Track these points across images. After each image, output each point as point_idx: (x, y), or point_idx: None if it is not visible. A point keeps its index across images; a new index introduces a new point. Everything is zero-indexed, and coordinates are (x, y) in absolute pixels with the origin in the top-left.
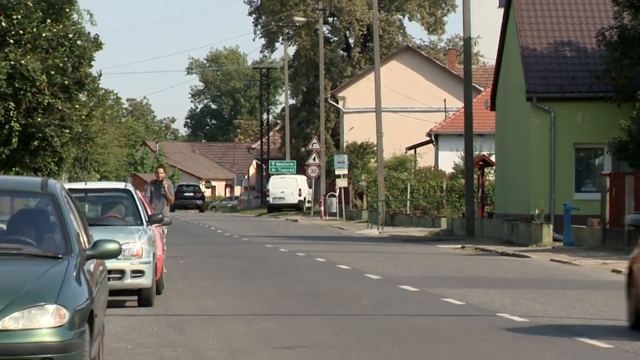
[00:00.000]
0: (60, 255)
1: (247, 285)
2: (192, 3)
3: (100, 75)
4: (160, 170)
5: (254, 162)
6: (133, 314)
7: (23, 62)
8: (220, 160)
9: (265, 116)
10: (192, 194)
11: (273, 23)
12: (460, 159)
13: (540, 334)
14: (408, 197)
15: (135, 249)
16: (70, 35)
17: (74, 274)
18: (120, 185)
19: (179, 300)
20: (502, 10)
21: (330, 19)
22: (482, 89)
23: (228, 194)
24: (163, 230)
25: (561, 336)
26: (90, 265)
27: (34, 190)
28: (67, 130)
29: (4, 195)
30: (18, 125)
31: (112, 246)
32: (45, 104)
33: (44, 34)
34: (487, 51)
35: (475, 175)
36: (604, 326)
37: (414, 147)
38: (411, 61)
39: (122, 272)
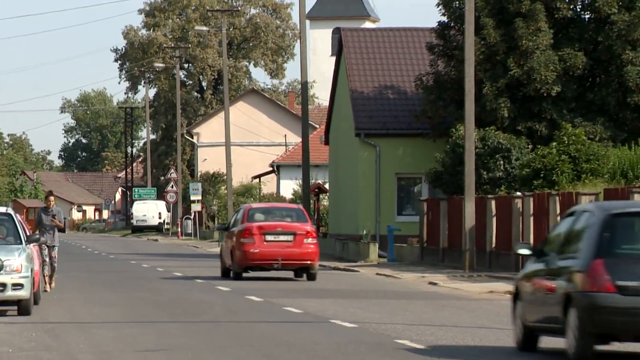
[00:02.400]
0: None
1: (114, 296)
2: (65, 50)
3: None
4: (51, 198)
5: (120, 189)
6: (13, 322)
7: None
8: (90, 188)
9: (129, 149)
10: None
11: (136, 68)
12: (298, 187)
13: (367, 337)
14: None
15: (16, 265)
16: None
17: None
18: (2, 209)
19: (54, 310)
20: (334, 58)
21: (186, 65)
22: (317, 126)
23: (97, 217)
24: (54, 256)
25: (385, 340)
26: None
27: None
28: None
29: None
30: None
31: None
32: None
33: None
34: (321, 93)
35: (311, 201)
36: (422, 331)
37: (259, 176)
38: (256, 102)
39: (3, 285)
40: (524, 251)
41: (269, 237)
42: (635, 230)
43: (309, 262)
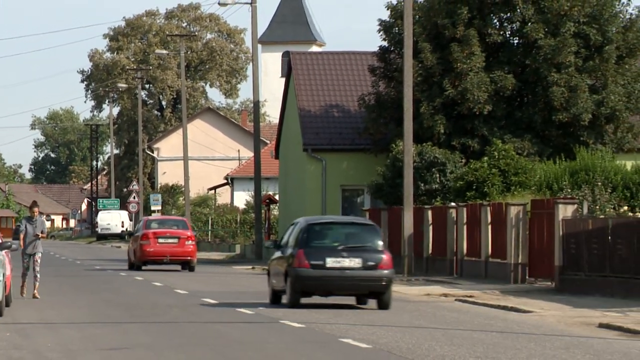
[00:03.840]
0: None
1: (80, 298)
2: (35, 71)
3: None
4: (35, 209)
5: (86, 200)
6: None
7: None
8: (59, 199)
9: (94, 163)
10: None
11: (101, 88)
12: (251, 198)
13: (314, 336)
14: (209, 228)
15: None
16: None
17: None
18: None
19: (24, 311)
20: (284, 79)
21: (147, 86)
22: (268, 141)
23: (65, 226)
24: (37, 260)
25: (330, 339)
26: None
27: None
28: None
29: None
30: None
31: None
32: None
33: None
34: (272, 112)
35: (263, 211)
36: (365, 330)
37: (214, 188)
38: (212, 119)
39: None
40: (270, 245)
41: (160, 240)
42: (321, 232)
43: (189, 257)
